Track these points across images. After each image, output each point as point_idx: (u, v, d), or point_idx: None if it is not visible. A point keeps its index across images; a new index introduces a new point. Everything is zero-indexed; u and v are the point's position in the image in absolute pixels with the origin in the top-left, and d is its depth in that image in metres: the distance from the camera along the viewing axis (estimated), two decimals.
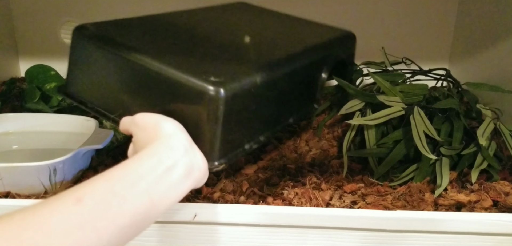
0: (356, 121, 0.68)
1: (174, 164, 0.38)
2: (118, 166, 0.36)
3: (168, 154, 0.38)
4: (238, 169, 0.68)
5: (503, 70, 0.84)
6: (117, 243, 0.33)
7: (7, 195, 0.59)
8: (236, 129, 0.46)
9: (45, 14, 1.03)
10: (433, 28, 1.04)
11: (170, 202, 0.38)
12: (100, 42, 0.53)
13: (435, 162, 0.64)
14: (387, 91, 0.70)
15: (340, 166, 0.69)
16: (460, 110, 0.68)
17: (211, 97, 0.42)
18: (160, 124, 0.42)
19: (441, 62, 1.05)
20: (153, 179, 0.36)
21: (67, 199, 0.33)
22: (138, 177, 0.36)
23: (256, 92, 0.48)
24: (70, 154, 0.61)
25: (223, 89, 0.43)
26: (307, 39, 0.67)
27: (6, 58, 1.02)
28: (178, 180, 0.38)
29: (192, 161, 0.40)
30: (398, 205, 0.59)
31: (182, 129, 0.42)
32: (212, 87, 0.42)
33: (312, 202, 0.59)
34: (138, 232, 0.35)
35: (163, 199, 0.37)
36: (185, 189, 0.39)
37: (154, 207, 0.36)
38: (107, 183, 0.35)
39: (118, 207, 0.33)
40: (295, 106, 0.58)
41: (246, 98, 0.47)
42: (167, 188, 0.37)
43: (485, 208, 0.58)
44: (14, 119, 0.75)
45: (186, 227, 0.54)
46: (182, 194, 0.39)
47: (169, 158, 0.38)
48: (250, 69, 0.49)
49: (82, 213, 0.32)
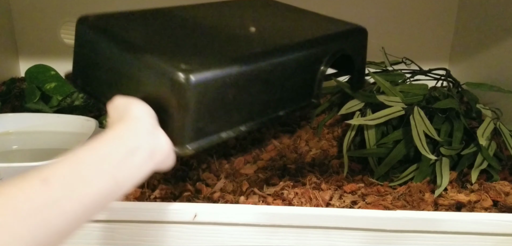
0: (356, 121, 0.68)
1: (137, 147, 0.39)
2: (84, 147, 0.38)
3: (130, 137, 0.40)
4: (238, 169, 0.68)
5: (503, 70, 0.84)
6: (82, 221, 0.35)
7: None
8: (209, 116, 0.47)
9: (45, 14, 1.03)
10: (433, 28, 1.04)
11: (133, 183, 0.39)
12: (94, 31, 0.55)
13: (435, 162, 0.64)
14: (387, 91, 0.70)
15: (340, 166, 0.69)
16: (460, 110, 0.68)
17: (179, 83, 0.44)
18: (128, 107, 0.43)
19: (441, 62, 1.05)
20: (117, 161, 0.38)
21: (34, 179, 0.33)
22: (102, 158, 0.37)
23: (233, 82, 0.49)
24: None
25: (191, 75, 0.44)
26: (306, 32, 0.65)
27: (6, 58, 1.02)
28: (141, 162, 0.39)
29: (155, 144, 0.41)
30: (398, 205, 0.59)
31: (150, 113, 0.44)
32: (181, 74, 0.44)
33: (312, 202, 0.59)
34: (103, 209, 0.37)
35: (127, 179, 0.38)
36: (147, 170, 0.41)
37: (118, 187, 0.37)
38: (73, 164, 0.36)
39: (83, 187, 0.35)
40: (286, 99, 0.58)
41: (220, 87, 0.47)
42: (130, 170, 0.38)
43: (485, 208, 0.58)
44: (14, 119, 0.74)
45: (186, 227, 0.54)
46: (145, 175, 0.40)
47: (131, 140, 0.40)
48: (228, 59, 0.50)
49: (49, 193, 0.33)
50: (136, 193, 0.60)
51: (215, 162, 0.70)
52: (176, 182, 0.64)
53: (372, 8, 1.03)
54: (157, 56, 0.47)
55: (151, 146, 0.41)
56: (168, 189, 0.61)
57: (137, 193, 0.60)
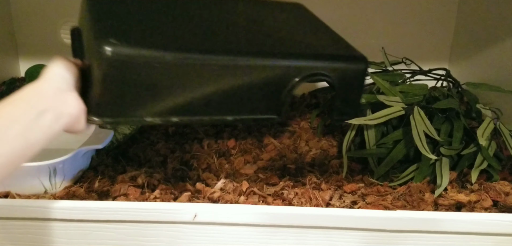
0: (356, 121, 0.68)
1: (44, 109, 0.41)
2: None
3: (38, 99, 0.42)
4: (238, 169, 0.68)
5: (503, 70, 0.84)
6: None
7: (7, 195, 0.59)
8: (130, 96, 0.47)
9: (45, 14, 1.03)
10: (433, 28, 1.04)
11: (43, 143, 0.42)
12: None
13: (435, 162, 0.64)
14: (387, 91, 0.70)
15: (340, 166, 0.69)
16: (460, 110, 0.68)
17: (100, 54, 0.45)
18: (48, 67, 0.45)
19: (441, 62, 1.05)
20: (26, 123, 0.40)
21: None
22: (12, 121, 0.39)
23: (165, 69, 0.48)
24: (70, 154, 0.61)
25: (111, 48, 0.44)
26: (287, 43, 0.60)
27: (6, 58, 1.02)
28: (49, 124, 0.42)
29: (62, 108, 0.43)
30: (398, 205, 0.59)
31: (63, 74, 0.45)
32: (105, 46, 0.44)
33: (312, 202, 0.59)
34: (16, 169, 0.39)
35: (37, 141, 0.41)
36: (55, 132, 0.43)
37: (29, 148, 0.40)
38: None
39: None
40: (239, 105, 0.55)
41: (147, 70, 0.47)
42: (39, 131, 0.41)
43: (485, 208, 0.58)
44: None
45: (186, 227, 0.54)
46: (53, 136, 0.43)
47: (39, 103, 0.42)
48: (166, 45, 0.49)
49: None
50: (136, 193, 0.60)
51: (215, 162, 0.70)
52: (176, 182, 0.64)
53: (372, 8, 1.03)
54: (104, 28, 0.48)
55: (57, 109, 0.43)
56: (168, 189, 0.61)
57: (137, 193, 0.60)
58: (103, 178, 0.64)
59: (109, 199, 0.60)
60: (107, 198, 0.60)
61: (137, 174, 0.65)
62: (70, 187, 0.62)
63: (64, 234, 0.55)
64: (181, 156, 0.71)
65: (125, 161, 0.69)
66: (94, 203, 0.54)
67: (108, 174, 0.65)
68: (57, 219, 0.54)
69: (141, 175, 0.64)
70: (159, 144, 0.74)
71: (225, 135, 0.78)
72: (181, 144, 0.75)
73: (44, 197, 0.60)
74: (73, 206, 0.54)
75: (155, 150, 0.73)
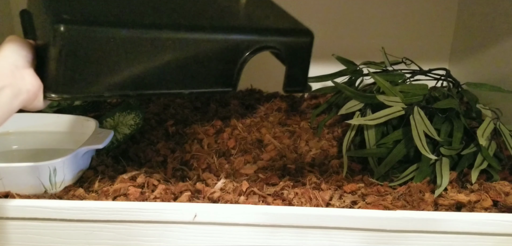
0: (356, 121, 0.68)
1: (2, 86, 0.43)
2: None
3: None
4: (238, 169, 0.68)
5: (503, 70, 0.84)
6: None
7: (7, 195, 0.59)
8: (85, 71, 0.49)
9: None
10: (433, 28, 1.04)
11: (1, 120, 0.43)
12: None
13: (435, 162, 0.64)
14: (387, 91, 0.70)
15: (340, 166, 0.69)
16: (460, 110, 0.68)
17: (54, 30, 0.46)
18: (3, 45, 0.46)
19: (441, 62, 1.05)
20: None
21: None
22: None
23: (120, 44, 0.49)
24: (70, 154, 0.61)
25: (64, 25, 0.46)
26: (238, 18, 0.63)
27: None
28: (7, 101, 0.43)
29: (20, 84, 0.44)
30: (398, 205, 0.59)
31: (19, 51, 0.46)
32: (58, 22, 0.46)
33: (312, 202, 0.59)
34: None
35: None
36: (14, 108, 0.44)
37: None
38: None
39: None
40: (195, 79, 0.57)
41: (101, 45, 0.48)
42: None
43: (485, 208, 0.58)
44: (14, 119, 0.73)
45: (186, 227, 0.54)
46: (12, 113, 0.44)
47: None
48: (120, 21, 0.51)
49: None
50: (136, 193, 0.60)
51: (215, 162, 0.70)
52: (176, 182, 0.64)
53: (372, 8, 1.03)
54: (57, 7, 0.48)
55: (15, 86, 0.43)
56: (168, 189, 0.61)
57: (137, 193, 0.60)
58: (103, 178, 0.64)
59: (109, 199, 0.60)
60: (107, 198, 0.60)
61: (137, 174, 0.65)
62: (70, 187, 0.62)
63: (64, 234, 0.55)
64: (181, 156, 0.71)
65: (125, 161, 0.69)
66: (94, 203, 0.54)
67: (108, 174, 0.65)
68: (57, 219, 0.54)
69: (141, 175, 0.64)
70: (159, 144, 0.74)
71: (225, 135, 0.78)
72: (181, 144, 0.75)
73: (44, 197, 0.60)
74: (73, 206, 0.54)
75: (155, 150, 0.73)
